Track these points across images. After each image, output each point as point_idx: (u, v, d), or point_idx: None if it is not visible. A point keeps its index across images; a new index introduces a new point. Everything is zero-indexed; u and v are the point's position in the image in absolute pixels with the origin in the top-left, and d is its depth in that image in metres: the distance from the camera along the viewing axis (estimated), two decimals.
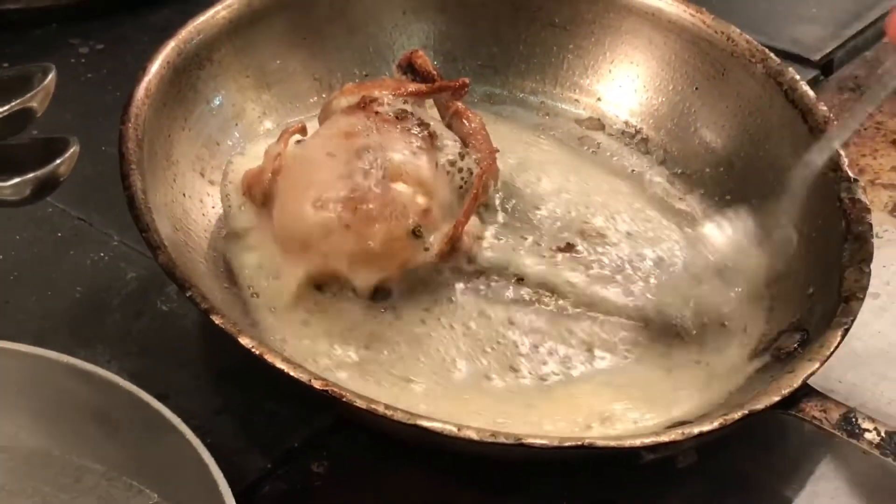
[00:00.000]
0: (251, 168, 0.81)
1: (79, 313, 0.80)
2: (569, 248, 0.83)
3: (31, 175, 0.59)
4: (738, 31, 0.90)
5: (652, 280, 0.81)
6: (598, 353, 0.76)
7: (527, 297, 0.79)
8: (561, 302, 0.79)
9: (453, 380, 0.73)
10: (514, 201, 0.85)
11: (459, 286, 0.78)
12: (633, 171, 0.92)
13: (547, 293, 0.79)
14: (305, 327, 0.75)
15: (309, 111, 0.89)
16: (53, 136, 0.61)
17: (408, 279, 0.77)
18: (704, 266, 0.78)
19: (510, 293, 0.79)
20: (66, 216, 0.86)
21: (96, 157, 0.78)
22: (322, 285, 0.77)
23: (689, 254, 0.82)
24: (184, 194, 0.80)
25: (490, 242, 0.81)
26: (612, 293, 0.80)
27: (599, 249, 0.83)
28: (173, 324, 0.79)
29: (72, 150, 0.60)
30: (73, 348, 0.72)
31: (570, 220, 0.85)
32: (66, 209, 0.86)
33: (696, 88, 0.92)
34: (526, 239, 0.83)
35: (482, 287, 0.79)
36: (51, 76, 0.62)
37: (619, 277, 0.81)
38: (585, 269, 0.81)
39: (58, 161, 0.59)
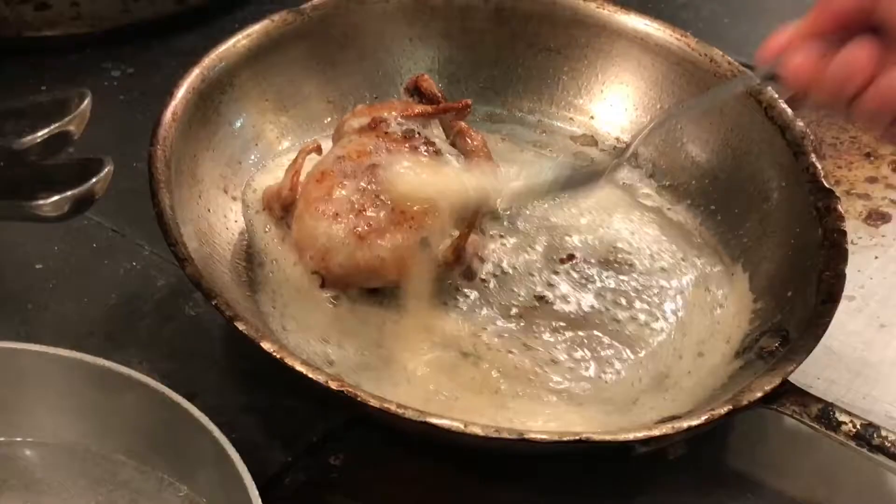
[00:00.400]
0: (271, 185, 0.82)
1: (113, 319, 0.80)
2: (569, 258, 0.84)
3: (68, 193, 0.60)
4: (720, 53, 0.91)
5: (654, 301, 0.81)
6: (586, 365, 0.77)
7: (522, 306, 0.80)
8: (557, 311, 0.80)
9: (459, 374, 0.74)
10: (513, 213, 0.86)
11: (458, 297, 0.80)
12: (624, 183, 0.92)
13: (542, 302, 0.80)
14: (322, 330, 0.76)
15: (323, 131, 0.90)
16: (89, 156, 0.62)
17: (415, 285, 0.78)
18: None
19: (507, 299, 0.80)
20: (101, 228, 0.87)
21: (129, 174, 0.79)
22: (337, 291, 0.78)
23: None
24: (209, 210, 0.81)
25: (491, 254, 0.83)
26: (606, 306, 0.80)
27: (593, 261, 0.84)
28: (200, 328, 0.80)
29: (106, 169, 0.61)
30: (108, 351, 0.72)
31: (566, 228, 0.86)
32: (101, 222, 0.87)
33: (682, 105, 0.93)
34: (525, 249, 0.84)
35: (484, 293, 0.80)
36: (87, 101, 0.62)
37: (609, 282, 0.82)
38: (583, 280, 0.82)
39: (94, 180, 0.60)
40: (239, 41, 0.87)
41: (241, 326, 0.65)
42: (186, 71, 0.82)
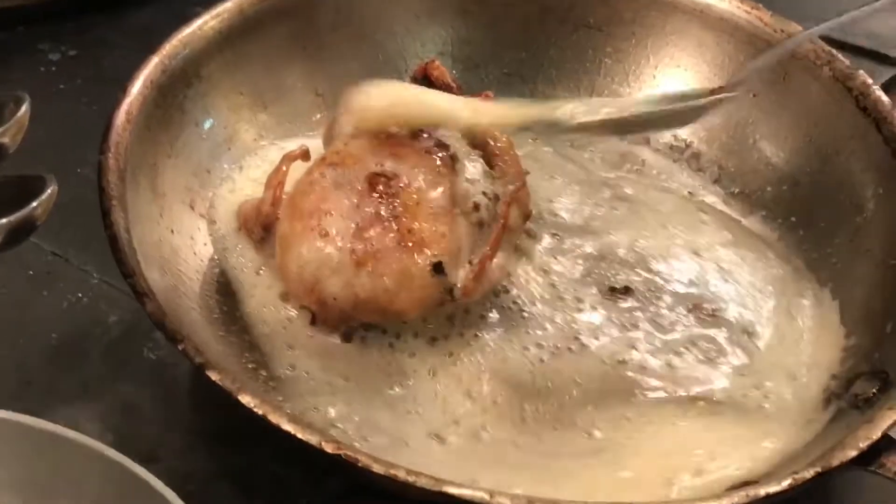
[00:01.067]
0: (247, 199, 0.83)
1: (55, 364, 0.81)
2: (622, 292, 0.84)
3: (2, 221, 0.60)
4: (800, 28, 0.92)
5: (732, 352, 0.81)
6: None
7: (564, 344, 0.80)
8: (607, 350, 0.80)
9: (482, 438, 0.75)
10: (548, 231, 0.87)
11: (485, 332, 0.80)
12: (684, 191, 0.93)
13: (589, 340, 0.81)
14: (313, 376, 0.77)
15: (312, 132, 0.92)
16: (26, 171, 0.63)
17: (428, 320, 0.79)
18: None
19: (544, 337, 0.80)
20: (38, 251, 0.88)
21: (72, 182, 0.77)
22: (331, 329, 0.79)
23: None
24: (172, 231, 0.82)
25: (521, 280, 0.83)
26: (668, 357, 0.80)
27: (654, 289, 0.84)
28: (163, 375, 0.81)
29: (49, 190, 0.61)
30: (48, 406, 0.74)
31: (616, 254, 0.86)
32: (38, 243, 0.88)
33: (754, 96, 0.93)
34: (565, 278, 0.84)
35: (512, 330, 0.80)
36: (24, 107, 0.63)
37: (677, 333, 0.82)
38: (637, 316, 0.82)
39: (33, 204, 0.60)
40: (207, 23, 0.88)
41: (214, 376, 0.65)
42: (143, 59, 0.84)
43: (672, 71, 0.96)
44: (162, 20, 0.87)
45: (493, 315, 0.81)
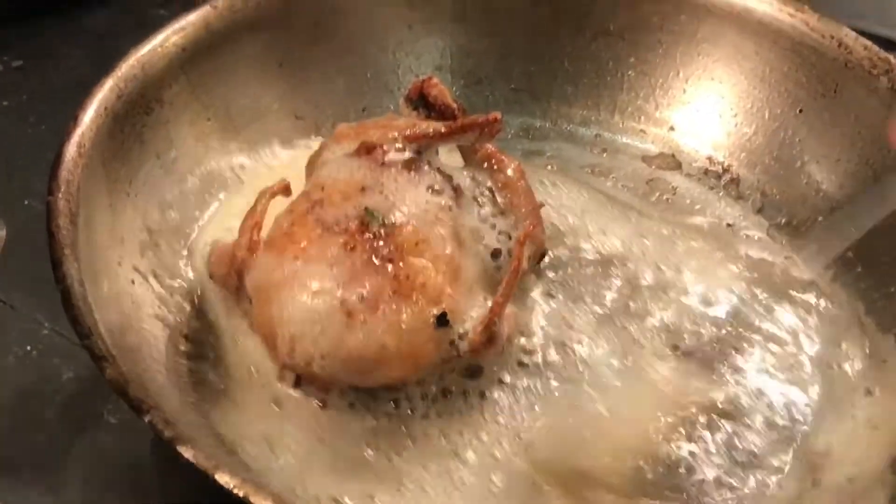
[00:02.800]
0: (219, 242, 0.83)
1: (1, 429, 0.81)
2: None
3: None
4: (853, 34, 0.92)
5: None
6: None
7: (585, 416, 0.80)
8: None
9: None
10: (566, 273, 0.87)
11: (496, 393, 0.80)
12: (722, 223, 0.93)
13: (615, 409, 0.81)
14: (298, 448, 0.77)
15: (291, 161, 0.92)
16: None
17: (429, 382, 0.79)
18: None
19: (566, 407, 0.80)
20: None
21: (17, 215, 0.79)
22: (318, 393, 0.79)
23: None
24: (133, 281, 0.82)
25: (537, 331, 0.83)
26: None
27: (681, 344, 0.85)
28: (126, 442, 0.81)
29: None
30: None
31: (642, 298, 0.87)
32: None
33: (801, 111, 0.94)
34: (587, 328, 0.84)
35: (527, 393, 0.80)
36: None
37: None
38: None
39: None
40: (168, 38, 0.88)
41: (186, 452, 0.66)
42: (98, 73, 0.84)
43: (705, 84, 0.97)
44: (119, 25, 0.87)
45: (506, 377, 0.81)
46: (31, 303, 0.88)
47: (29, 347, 0.86)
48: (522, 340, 0.82)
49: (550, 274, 0.87)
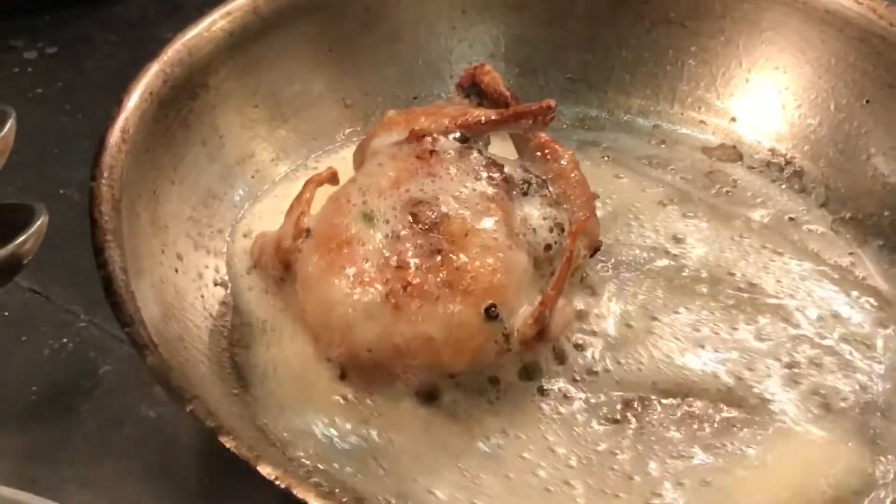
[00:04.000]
0: (265, 232, 0.84)
1: (35, 424, 0.82)
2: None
3: None
4: None
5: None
6: None
7: (632, 403, 0.81)
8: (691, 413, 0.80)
9: None
10: (622, 267, 0.87)
11: (548, 390, 0.80)
12: (785, 217, 0.93)
13: (677, 401, 0.81)
14: (343, 441, 0.77)
15: (339, 150, 0.93)
16: (13, 202, 0.63)
17: (477, 379, 0.79)
18: None
19: (620, 404, 0.80)
20: (14, 288, 0.88)
21: (54, 206, 0.77)
22: (364, 384, 0.79)
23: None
24: (176, 270, 0.83)
25: (590, 327, 0.83)
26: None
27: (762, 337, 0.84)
28: (164, 436, 0.81)
29: (39, 221, 0.61)
30: (28, 473, 0.75)
31: (699, 291, 0.86)
32: (16, 280, 0.86)
33: (867, 102, 0.93)
34: (642, 320, 0.84)
35: (580, 392, 0.80)
36: (10, 124, 0.63)
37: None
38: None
39: (21, 238, 0.60)
40: (215, 23, 0.89)
41: (229, 443, 0.66)
42: (133, 59, 0.84)
43: (769, 74, 0.97)
44: (153, 13, 0.86)
45: (552, 372, 0.81)
46: (67, 294, 0.89)
47: (65, 340, 0.87)
48: (571, 336, 0.82)
49: (604, 267, 0.87)
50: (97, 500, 0.76)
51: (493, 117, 0.83)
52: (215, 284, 0.85)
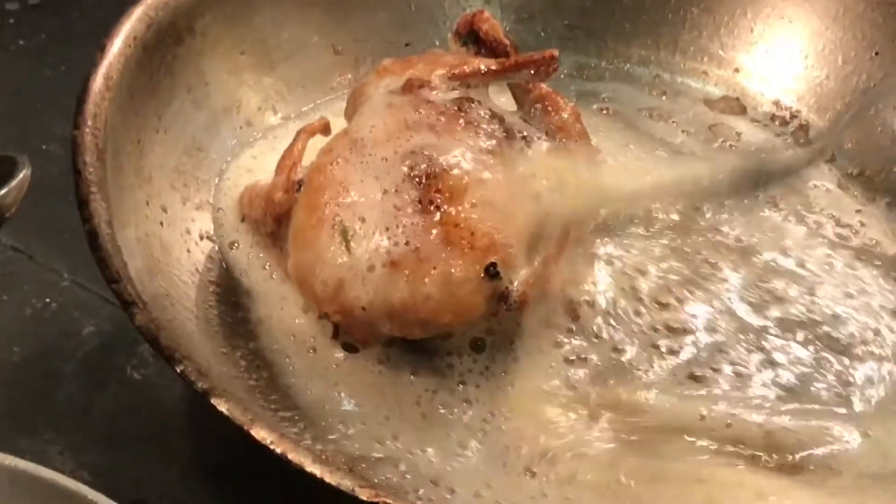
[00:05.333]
0: (254, 184, 0.83)
1: (18, 386, 0.81)
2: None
3: None
4: None
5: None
6: None
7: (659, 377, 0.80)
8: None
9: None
10: (623, 227, 0.87)
11: (549, 354, 0.80)
12: (790, 171, 0.92)
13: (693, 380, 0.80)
14: (339, 404, 0.77)
15: (330, 99, 0.92)
16: None
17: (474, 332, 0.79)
18: None
19: (629, 364, 0.80)
20: None
21: (36, 161, 0.77)
22: (360, 344, 0.79)
23: None
24: (161, 223, 0.82)
25: (594, 288, 0.83)
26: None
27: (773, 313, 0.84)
28: (150, 398, 0.81)
29: (21, 174, 0.61)
30: (11, 436, 0.74)
31: (700, 255, 0.86)
32: None
33: (876, 54, 0.93)
34: (647, 285, 0.84)
35: (582, 356, 0.80)
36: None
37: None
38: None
39: (3, 190, 0.60)
40: None
41: (221, 405, 0.65)
42: (122, 10, 0.83)
43: (775, 24, 0.97)
44: None
45: (561, 337, 0.80)
46: (50, 253, 0.88)
47: (48, 300, 0.86)
48: (576, 298, 0.81)
49: (606, 227, 0.86)
50: (80, 466, 0.75)
51: (493, 67, 0.82)
52: (202, 238, 0.84)
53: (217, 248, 0.84)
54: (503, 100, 0.85)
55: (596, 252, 0.84)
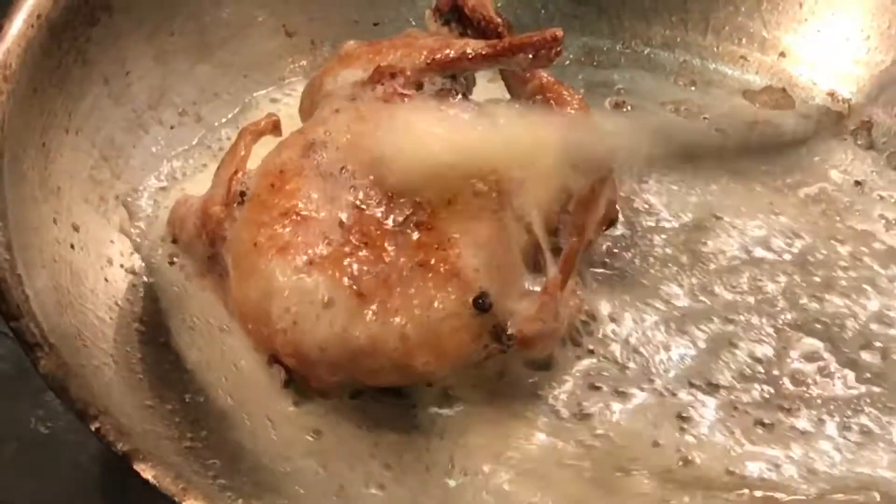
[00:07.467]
0: (186, 196, 0.83)
1: None
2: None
3: None
4: None
5: None
6: None
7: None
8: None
9: None
10: (639, 248, 0.87)
11: (553, 400, 0.80)
12: (850, 180, 0.93)
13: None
14: (290, 465, 0.77)
15: (281, 91, 0.93)
16: None
17: (466, 380, 0.80)
18: None
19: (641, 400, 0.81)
20: None
21: None
22: (315, 394, 0.79)
23: None
24: (72, 245, 0.82)
25: (606, 316, 0.83)
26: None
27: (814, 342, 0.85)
28: (60, 458, 0.81)
29: None
30: None
31: (726, 257, 0.88)
32: None
33: None
34: (666, 314, 0.85)
35: (586, 398, 0.81)
36: None
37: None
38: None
39: None
40: None
41: (147, 472, 0.65)
42: None
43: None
44: None
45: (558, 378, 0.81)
46: None
47: None
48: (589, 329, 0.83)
49: (621, 246, 0.87)
50: None
51: (482, 51, 0.82)
52: (121, 266, 0.85)
53: (141, 276, 0.84)
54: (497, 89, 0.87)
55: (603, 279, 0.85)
